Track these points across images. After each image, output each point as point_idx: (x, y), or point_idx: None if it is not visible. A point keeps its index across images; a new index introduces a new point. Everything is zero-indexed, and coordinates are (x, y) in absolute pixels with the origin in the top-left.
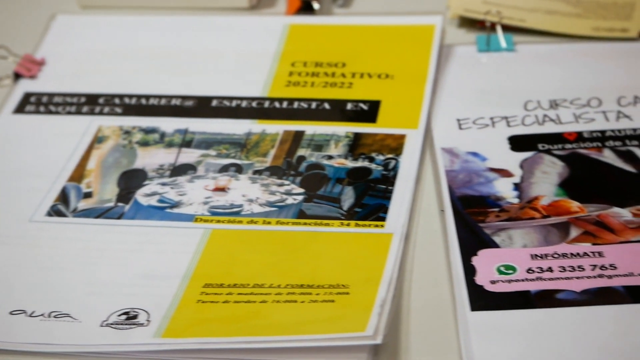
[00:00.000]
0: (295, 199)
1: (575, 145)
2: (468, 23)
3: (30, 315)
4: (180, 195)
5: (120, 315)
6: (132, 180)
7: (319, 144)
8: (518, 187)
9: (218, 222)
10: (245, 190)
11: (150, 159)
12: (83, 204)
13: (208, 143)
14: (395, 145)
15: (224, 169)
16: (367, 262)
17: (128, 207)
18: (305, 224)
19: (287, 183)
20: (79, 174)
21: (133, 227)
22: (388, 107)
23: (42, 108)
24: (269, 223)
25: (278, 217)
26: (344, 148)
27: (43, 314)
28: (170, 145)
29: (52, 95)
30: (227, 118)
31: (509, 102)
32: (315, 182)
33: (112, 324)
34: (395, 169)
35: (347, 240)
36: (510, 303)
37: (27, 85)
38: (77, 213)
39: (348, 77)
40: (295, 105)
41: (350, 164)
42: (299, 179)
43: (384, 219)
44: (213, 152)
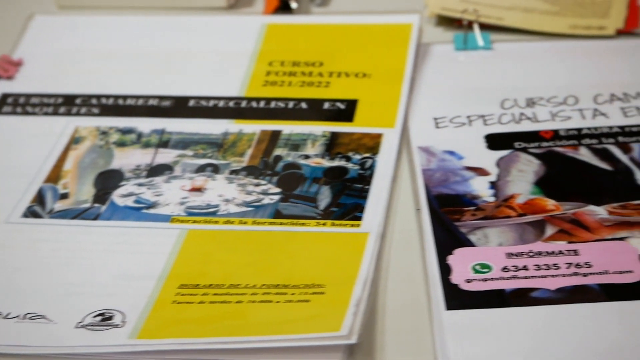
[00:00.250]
0: (272, 199)
1: (552, 144)
2: (445, 22)
3: (5, 317)
4: (157, 196)
5: (96, 317)
6: (108, 181)
7: (296, 144)
8: (494, 185)
9: (194, 222)
10: (222, 191)
11: (127, 160)
12: (59, 205)
13: (185, 143)
14: (372, 145)
15: (201, 169)
16: (343, 261)
17: (104, 207)
18: (282, 224)
19: (263, 183)
20: (56, 175)
21: (109, 228)
22: (365, 106)
23: (19, 109)
24: (245, 223)
25: (254, 217)
26: (321, 147)
27: (18, 316)
28: (147, 146)
29: (29, 96)
30: (204, 118)
31: (486, 100)
32: (292, 181)
33: (87, 325)
34: (372, 168)
35: (323, 240)
36: (486, 302)
37: (4, 86)
38: (53, 214)
39: (325, 76)
40: (273, 105)
41: (327, 164)
42: (276, 179)
43: (360, 219)
44: (190, 152)
